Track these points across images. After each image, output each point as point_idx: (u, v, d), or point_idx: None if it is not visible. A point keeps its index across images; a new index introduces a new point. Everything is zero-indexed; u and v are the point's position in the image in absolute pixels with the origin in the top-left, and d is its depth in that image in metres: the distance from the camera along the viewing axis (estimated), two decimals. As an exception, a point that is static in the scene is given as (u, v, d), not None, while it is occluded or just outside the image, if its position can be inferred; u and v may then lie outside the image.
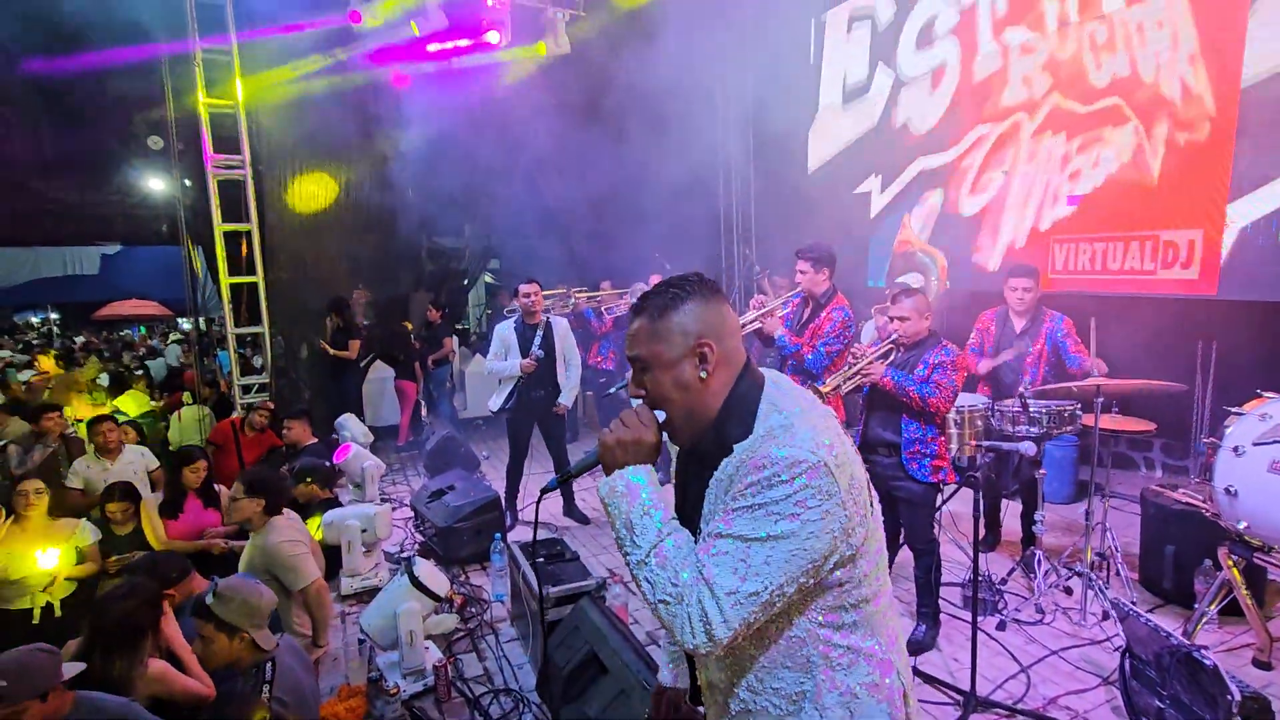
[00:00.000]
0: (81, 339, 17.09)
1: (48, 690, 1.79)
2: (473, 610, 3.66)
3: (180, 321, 17.66)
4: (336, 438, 5.60)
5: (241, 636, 2.27)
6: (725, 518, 1.10)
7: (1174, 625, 3.08)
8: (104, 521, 3.64)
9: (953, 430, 3.71)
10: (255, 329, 6.49)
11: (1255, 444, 2.80)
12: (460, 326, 12.15)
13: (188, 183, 7.03)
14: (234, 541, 3.82)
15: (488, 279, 13.87)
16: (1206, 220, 4.28)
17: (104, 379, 8.09)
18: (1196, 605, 3.11)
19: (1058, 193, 5.10)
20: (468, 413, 8.42)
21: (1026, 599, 3.49)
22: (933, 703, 2.80)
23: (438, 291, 10.48)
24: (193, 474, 4.11)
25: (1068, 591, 3.56)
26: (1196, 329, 4.43)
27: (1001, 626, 3.28)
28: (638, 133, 7.27)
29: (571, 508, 5.05)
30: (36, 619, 3.33)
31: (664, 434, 1.22)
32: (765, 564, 1.06)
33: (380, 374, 7.86)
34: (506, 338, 4.74)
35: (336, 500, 4.48)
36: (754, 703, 1.21)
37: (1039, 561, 3.51)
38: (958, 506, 4.40)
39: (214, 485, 4.21)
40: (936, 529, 3.26)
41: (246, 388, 6.51)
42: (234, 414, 5.89)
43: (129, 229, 11.99)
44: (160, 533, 3.79)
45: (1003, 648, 3.12)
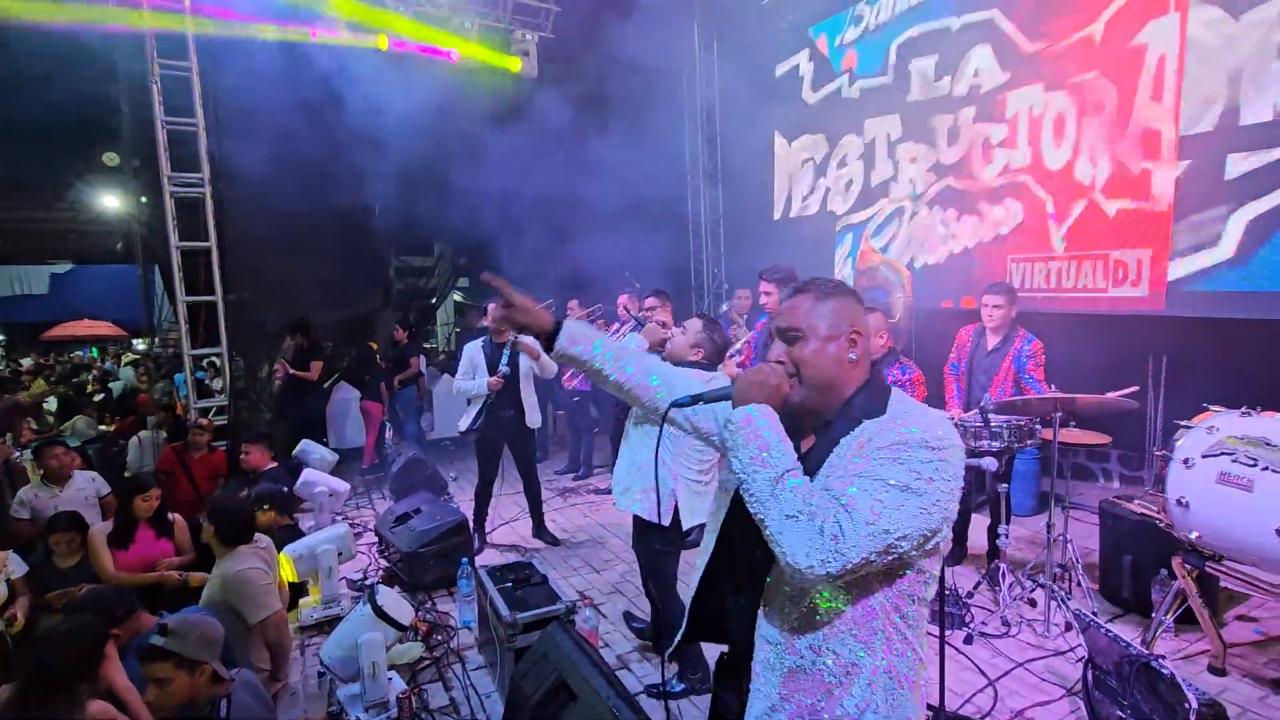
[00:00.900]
0: (29, 361, 16.43)
1: None
2: (439, 638, 3.57)
3: (136, 343, 17.11)
4: (298, 461, 5.46)
5: (203, 670, 2.16)
6: (864, 464, 1.18)
7: (1133, 634, 3.15)
8: (47, 553, 3.47)
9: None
10: (214, 350, 6.32)
11: (1204, 456, 2.89)
12: (429, 345, 12.00)
13: (144, 199, 6.85)
14: (190, 573, 3.67)
15: (457, 297, 13.75)
16: (1154, 240, 4.46)
17: (52, 402, 7.77)
18: (1154, 614, 3.18)
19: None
20: (435, 434, 8.29)
21: (993, 612, 3.54)
22: (903, 719, 2.80)
23: (405, 310, 10.35)
24: (144, 502, 3.94)
25: (1032, 603, 3.61)
26: (1148, 344, 4.59)
27: (969, 640, 3.32)
28: (606, 150, 7.34)
29: (542, 530, 4.97)
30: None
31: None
32: (898, 509, 1.13)
33: (344, 394, 7.70)
34: (474, 357, 4.70)
35: (296, 526, 4.34)
36: (812, 663, 1.25)
37: (1003, 574, 3.56)
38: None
39: (167, 514, 4.05)
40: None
41: (204, 410, 6.32)
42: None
43: (81, 247, 11.63)
44: (108, 565, 3.62)
45: (970, 662, 3.15)
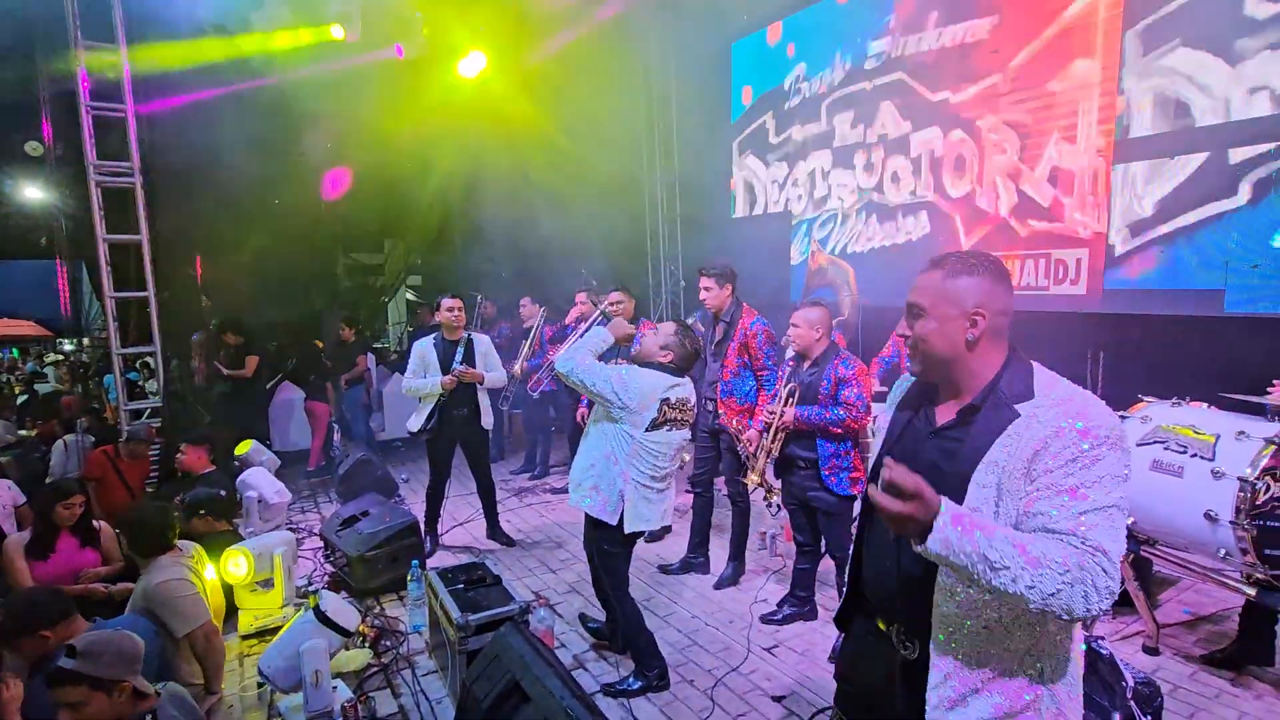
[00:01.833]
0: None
1: None
2: (388, 644, 3.45)
3: (63, 343, 16.14)
4: (238, 464, 5.21)
5: (122, 689, 2.02)
6: (1068, 480, 1.20)
7: (1074, 619, 3.26)
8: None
9: (870, 439, 3.82)
10: (146, 349, 5.99)
11: (1139, 444, 3.01)
12: (380, 345, 11.69)
13: (65, 191, 6.46)
14: (115, 585, 3.45)
15: (409, 295, 13.44)
16: (1091, 240, 4.65)
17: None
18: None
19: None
20: (386, 434, 8.06)
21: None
22: (857, 709, 2.83)
23: (353, 308, 10.04)
24: (66, 510, 3.70)
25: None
26: (1085, 340, 4.78)
27: (920, 629, 3.37)
28: (562, 148, 7.27)
29: (496, 531, 4.87)
30: None
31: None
32: (1120, 526, 1.19)
33: (287, 395, 7.42)
34: (425, 354, 4.56)
35: (236, 532, 4.14)
36: (1000, 635, 1.27)
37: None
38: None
39: (93, 522, 3.81)
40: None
41: (136, 413, 5.99)
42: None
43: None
44: (23, 579, 3.37)
45: (921, 650, 3.21)
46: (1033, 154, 4.94)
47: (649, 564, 4.37)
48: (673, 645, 3.37)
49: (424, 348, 4.58)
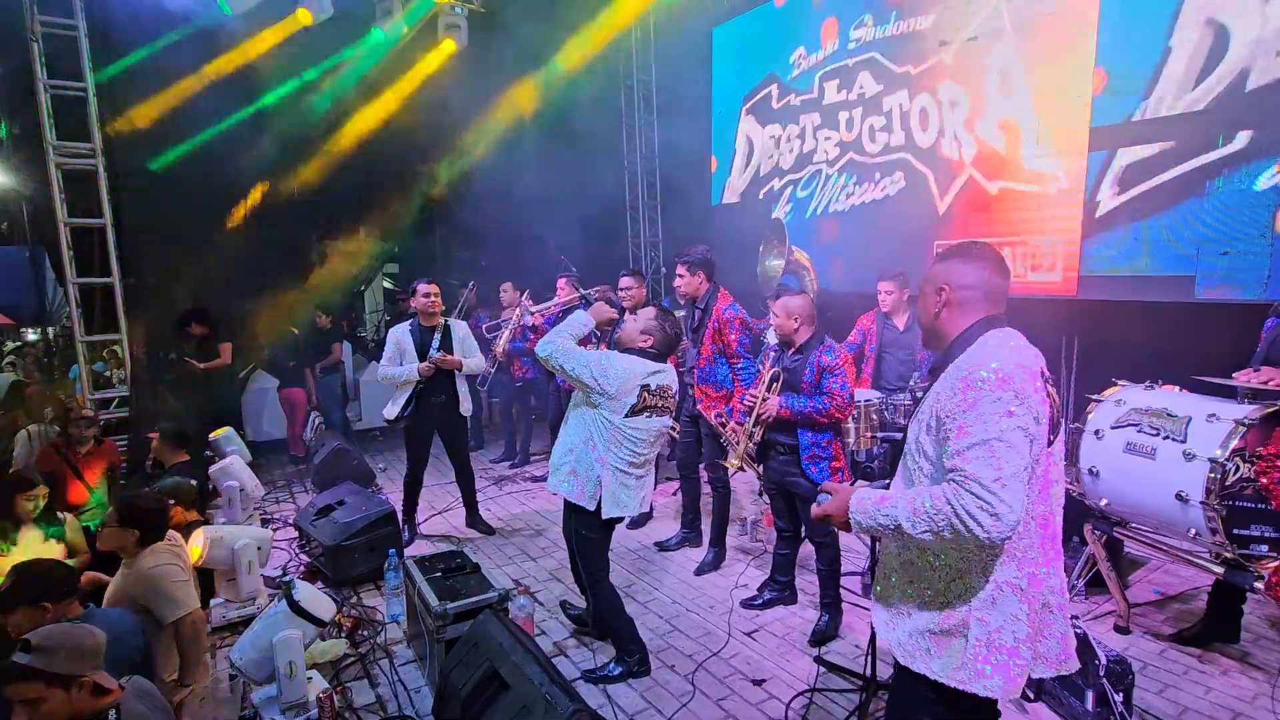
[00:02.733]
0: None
1: None
2: (365, 634, 3.40)
3: (28, 331, 15.65)
4: (211, 454, 5.10)
5: (81, 684, 1.95)
6: (961, 429, 1.43)
7: (1049, 599, 3.31)
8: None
9: (850, 425, 3.84)
10: (112, 337, 5.82)
11: (1113, 427, 3.05)
12: (358, 334, 11.50)
13: (19, 173, 6.23)
14: (84, 574, 3.35)
15: (386, 283, 13.22)
16: (1067, 229, 4.70)
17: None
18: (1068, 578, 3.35)
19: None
20: (363, 423, 7.96)
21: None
22: (835, 690, 2.85)
23: (328, 295, 9.85)
24: (29, 501, 3.59)
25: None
26: (1062, 326, 4.84)
27: (898, 611, 3.41)
28: (541, 132, 7.17)
29: (475, 519, 4.82)
30: None
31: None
32: (996, 456, 1.39)
33: (261, 384, 7.27)
34: (401, 341, 4.47)
35: (208, 523, 4.05)
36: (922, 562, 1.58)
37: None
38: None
39: (56, 514, 3.70)
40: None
41: (105, 402, 5.83)
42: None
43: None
44: (-17, 571, 3.27)
45: (900, 632, 3.24)
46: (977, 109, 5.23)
47: (630, 550, 4.37)
48: (654, 631, 3.36)
49: (400, 334, 4.49)
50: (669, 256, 8.28)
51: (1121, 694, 2.47)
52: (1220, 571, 2.77)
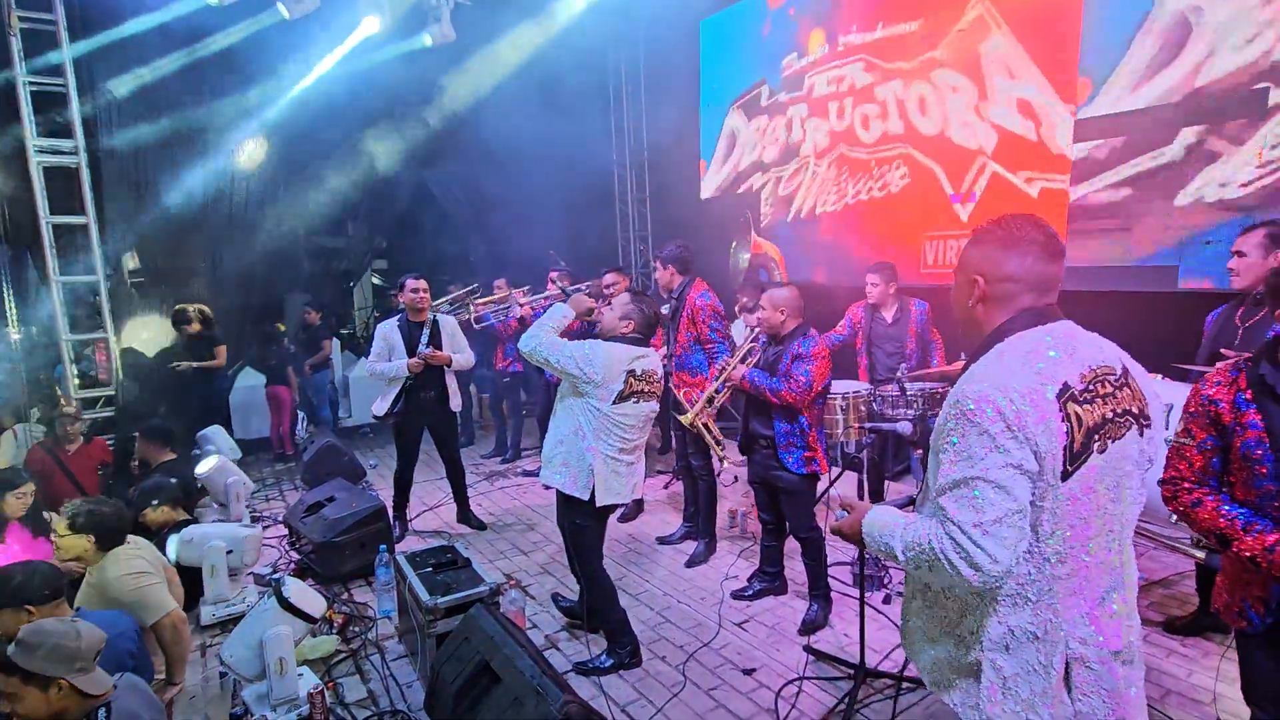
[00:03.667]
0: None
1: None
2: (356, 630, 3.40)
3: (10, 331, 15.46)
4: (199, 453, 5.07)
5: (59, 685, 1.91)
6: (946, 464, 1.28)
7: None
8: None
9: (838, 416, 3.86)
10: (97, 335, 5.77)
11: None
12: (346, 331, 11.44)
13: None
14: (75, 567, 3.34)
15: (374, 279, 13.15)
16: (1052, 220, 4.73)
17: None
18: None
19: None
20: (353, 420, 7.93)
21: (908, 572, 3.68)
22: (826, 678, 2.88)
23: (317, 292, 9.80)
24: (17, 500, 3.58)
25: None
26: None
27: (888, 600, 3.44)
28: (530, 126, 7.13)
29: (466, 514, 4.82)
30: None
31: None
32: (977, 498, 1.23)
33: (249, 382, 7.23)
34: (389, 336, 4.46)
35: (196, 521, 4.03)
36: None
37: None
38: (844, 489, 4.59)
39: (44, 513, 3.68)
40: (820, 516, 3.36)
41: (92, 401, 5.78)
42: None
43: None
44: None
45: (889, 621, 3.27)
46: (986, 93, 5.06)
47: (620, 543, 4.38)
48: (645, 623, 3.38)
49: (388, 330, 4.47)
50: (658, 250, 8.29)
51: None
52: (1201, 555, 2.81)
